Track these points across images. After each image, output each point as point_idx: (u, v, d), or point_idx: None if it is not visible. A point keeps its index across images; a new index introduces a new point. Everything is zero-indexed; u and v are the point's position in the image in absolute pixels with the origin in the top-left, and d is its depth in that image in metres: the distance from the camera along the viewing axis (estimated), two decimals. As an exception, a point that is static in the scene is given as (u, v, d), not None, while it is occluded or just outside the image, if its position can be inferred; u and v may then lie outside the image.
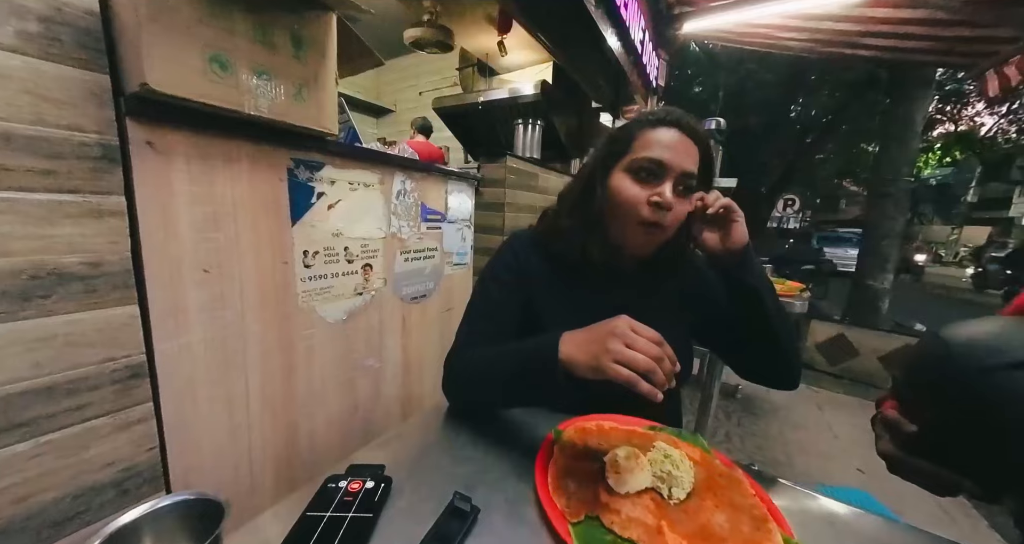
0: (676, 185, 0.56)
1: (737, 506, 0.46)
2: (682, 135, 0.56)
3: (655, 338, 0.43)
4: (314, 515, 0.41)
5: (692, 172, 0.56)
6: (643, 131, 0.58)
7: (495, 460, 0.52)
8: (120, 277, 0.56)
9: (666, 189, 0.55)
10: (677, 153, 0.56)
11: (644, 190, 0.56)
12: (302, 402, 0.85)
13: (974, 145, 10.96)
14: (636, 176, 0.57)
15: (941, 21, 2.34)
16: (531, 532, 0.41)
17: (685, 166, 0.56)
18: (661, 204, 0.55)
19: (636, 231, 0.58)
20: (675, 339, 0.65)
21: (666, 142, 0.56)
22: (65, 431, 0.53)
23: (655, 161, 0.56)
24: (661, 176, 0.56)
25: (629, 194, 0.57)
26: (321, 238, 0.84)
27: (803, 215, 16.32)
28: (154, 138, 0.57)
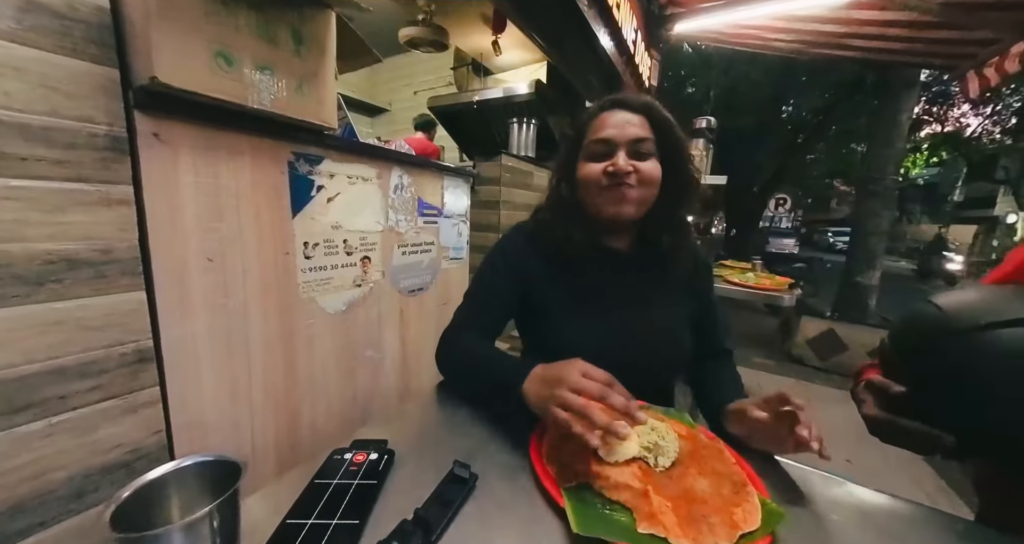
0: (630, 152, 0.60)
1: (719, 473, 0.49)
2: (624, 112, 0.61)
3: (603, 379, 0.46)
4: (322, 482, 0.44)
5: (641, 136, 0.60)
6: (591, 121, 0.63)
7: (492, 435, 0.55)
8: (129, 264, 0.58)
9: (619, 157, 0.59)
10: (621, 127, 0.60)
11: (600, 165, 0.61)
12: (303, 390, 0.87)
13: (960, 145, 11.19)
14: (593, 158, 0.62)
15: (922, 23, 2.41)
16: (527, 497, 0.44)
17: (632, 134, 0.60)
18: (615, 172, 0.59)
19: (603, 198, 0.62)
20: (672, 324, 0.68)
21: (610, 121, 0.61)
22: (77, 412, 0.55)
23: (602, 140, 0.61)
24: (613, 151, 0.60)
25: (588, 172, 0.62)
26: (321, 230, 0.86)
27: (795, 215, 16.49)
28: (161, 130, 0.59)
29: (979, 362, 0.40)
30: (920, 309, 0.46)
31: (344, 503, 0.40)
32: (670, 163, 0.62)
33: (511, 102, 2.70)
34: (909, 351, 0.47)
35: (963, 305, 0.43)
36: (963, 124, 11.01)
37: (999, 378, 0.38)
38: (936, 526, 0.43)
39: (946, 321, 0.43)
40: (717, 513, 0.42)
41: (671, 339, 0.67)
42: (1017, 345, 0.38)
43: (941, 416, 0.43)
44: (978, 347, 0.40)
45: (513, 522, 0.41)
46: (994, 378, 0.39)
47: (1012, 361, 0.38)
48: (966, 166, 13.16)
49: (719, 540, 0.39)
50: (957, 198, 15.79)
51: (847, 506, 0.47)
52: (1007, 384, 0.38)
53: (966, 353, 0.41)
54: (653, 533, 0.39)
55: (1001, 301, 0.41)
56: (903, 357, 0.48)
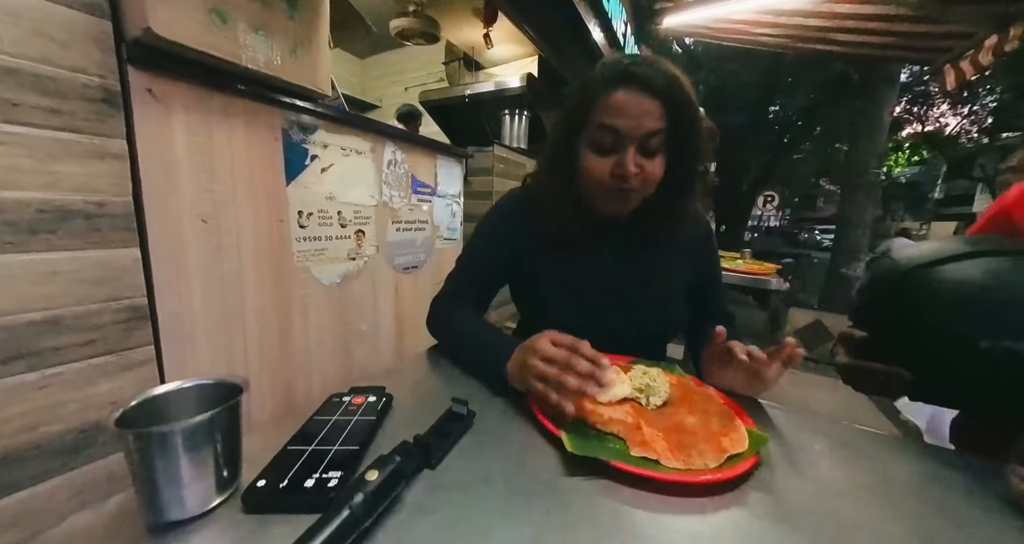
0: (640, 149, 0.55)
1: (708, 411, 0.50)
2: (638, 94, 0.53)
3: (568, 343, 0.46)
4: (321, 418, 0.45)
5: (653, 130, 0.53)
6: (598, 96, 0.55)
7: (486, 384, 0.56)
8: (122, 219, 0.58)
9: (627, 159, 0.54)
10: (633, 117, 0.53)
11: (606, 161, 0.56)
12: (299, 360, 0.87)
13: (939, 144, 11.51)
14: (598, 149, 0.56)
15: (901, 17, 2.49)
16: (523, 431, 0.45)
17: (644, 128, 0.53)
18: (623, 176, 0.55)
19: (607, 199, 0.59)
20: (667, 290, 0.68)
21: (621, 106, 0.53)
22: (71, 366, 0.55)
23: (611, 128, 0.54)
24: (622, 145, 0.54)
25: (592, 167, 0.57)
26: (315, 200, 0.86)
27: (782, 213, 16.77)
28: (154, 86, 0.59)
29: (916, 296, 0.43)
30: (878, 261, 0.50)
31: (344, 434, 0.41)
32: (682, 152, 0.57)
33: (503, 95, 2.71)
34: (869, 299, 0.49)
35: (911, 251, 0.46)
36: (942, 124, 11.32)
37: (930, 308, 0.42)
38: (917, 454, 0.45)
39: (895, 265, 0.46)
40: (706, 441, 0.44)
41: (665, 305, 0.67)
42: (946, 277, 0.42)
43: (897, 353, 0.46)
44: (915, 283, 0.43)
45: (510, 451, 0.42)
46: (927, 308, 0.42)
47: (940, 292, 0.41)
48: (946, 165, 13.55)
49: (708, 461, 0.40)
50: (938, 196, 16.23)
51: (831, 436, 0.49)
52: (937, 313, 0.41)
53: (907, 290, 0.44)
54: (645, 456, 0.40)
55: (943, 245, 0.45)
56: (865, 306, 0.51)
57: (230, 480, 0.33)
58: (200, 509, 0.30)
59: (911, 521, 0.35)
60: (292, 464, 0.35)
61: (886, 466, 0.43)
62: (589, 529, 0.31)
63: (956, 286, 0.41)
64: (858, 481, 0.41)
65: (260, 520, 0.31)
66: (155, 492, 0.29)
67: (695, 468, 0.39)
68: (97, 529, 0.30)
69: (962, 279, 0.41)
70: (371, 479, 0.31)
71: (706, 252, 0.71)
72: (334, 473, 0.34)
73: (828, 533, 0.32)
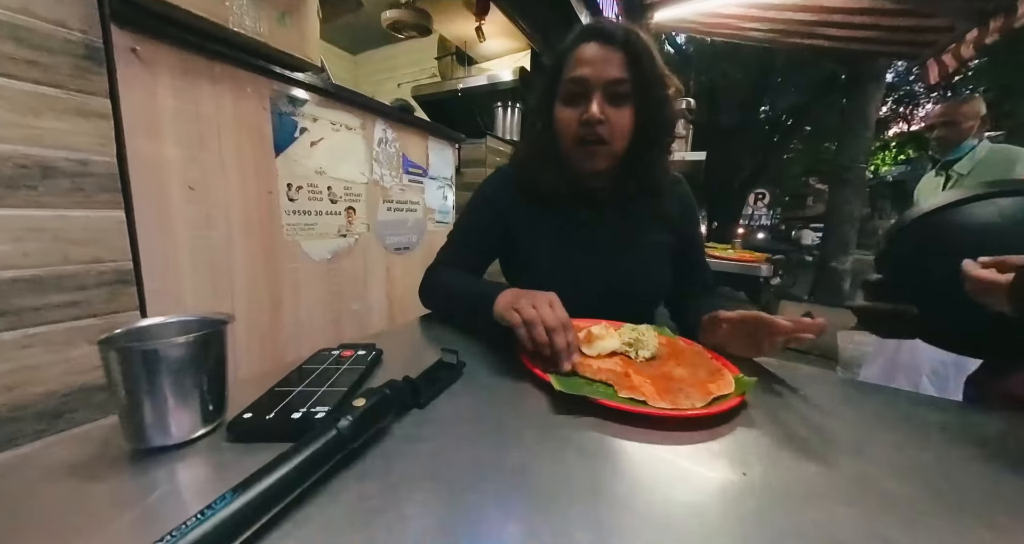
0: (606, 96, 0.57)
1: (696, 364, 0.51)
2: (601, 45, 0.57)
3: (563, 317, 0.47)
4: (309, 367, 0.44)
5: (617, 78, 0.56)
6: (567, 54, 0.59)
7: (478, 344, 0.56)
8: (107, 180, 0.57)
9: (592, 106, 0.56)
10: (596, 65, 0.56)
11: (576, 111, 0.59)
12: (289, 335, 0.86)
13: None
14: (568, 101, 0.59)
15: (885, 11, 2.54)
16: (512, 380, 0.45)
17: (608, 75, 0.56)
18: (589, 120, 0.57)
19: (577, 150, 0.61)
20: (651, 259, 0.69)
21: (586, 58, 0.57)
22: (54, 327, 0.54)
23: (577, 80, 0.57)
24: (588, 94, 0.57)
25: (562, 118, 0.60)
26: (304, 173, 0.86)
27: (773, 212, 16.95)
28: (139, 46, 0.58)
29: (922, 239, 0.45)
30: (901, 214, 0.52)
31: (332, 379, 0.41)
32: (647, 103, 0.59)
33: (495, 90, 2.71)
34: (885, 246, 0.51)
35: (927, 203, 0.48)
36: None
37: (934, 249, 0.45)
38: (907, 401, 0.46)
39: (912, 212, 0.48)
40: (693, 386, 0.44)
41: (649, 274, 0.69)
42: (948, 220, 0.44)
43: (907, 294, 0.48)
44: (924, 225, 0.45)
45: (500, 395, 0.42)
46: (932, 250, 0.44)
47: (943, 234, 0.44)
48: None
49: (695, 402, 0.41)
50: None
51: (818, 383, 0.50)
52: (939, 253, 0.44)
53: (916, 232, 0.45)
54: (633, 397, 0.41)
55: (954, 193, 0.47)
56: (882, 253, 0.52)
57: (215, 413, 0.33)
58: (184, 437, 0.30)
59: (889, 448, 0.35)
60: (279, 401, 0.35)
61: (868, 407, 0.44)
62: (578, 457, 0.32)
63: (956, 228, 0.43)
64: (842, 418, 0.41)
65: (245, 448, 0.31)
66: (138, 415, 0.28)
67: (682, 408, 0.40)
68: (78, 452, 0.30)
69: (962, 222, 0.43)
70: (359, 405, 0.31)
71: (689, 222, 0.73)
72: (321, 408, 0.34)
73: (811, 460, 0.33)
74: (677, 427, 0.37)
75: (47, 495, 0.26)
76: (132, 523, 0.23)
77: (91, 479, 0.27)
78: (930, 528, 0.25)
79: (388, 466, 0.30)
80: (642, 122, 0.60)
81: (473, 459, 0.31)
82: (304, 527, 0.24)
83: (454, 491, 0.27)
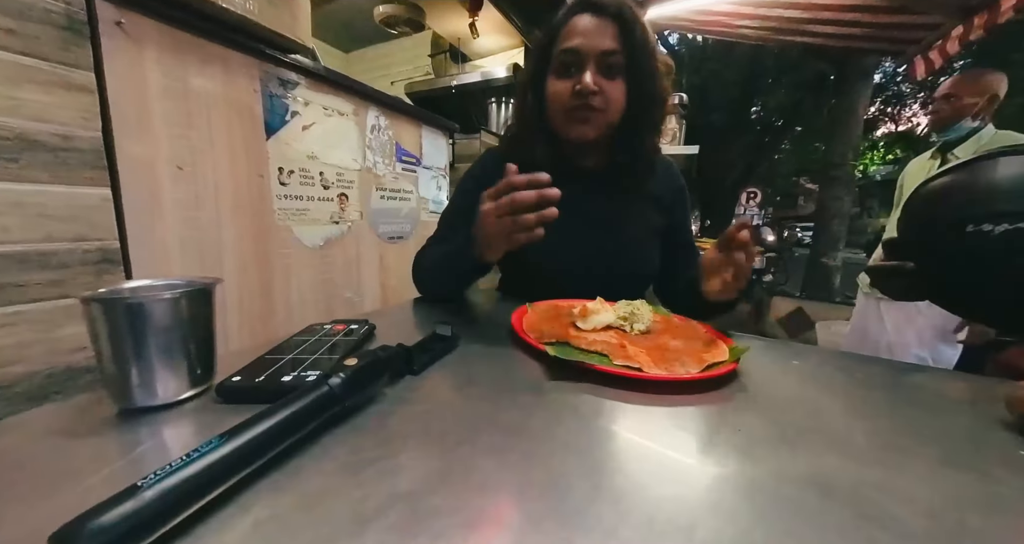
0: (599, 67, 0.57)
1: (691, 336, 0.51)
2: (593, 17, 0.57)
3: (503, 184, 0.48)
4: (300, 338, 0.44)
5: (610, 49, 0.56)
6: (560, 27, 0.59)
7: (473, 323, 0.56)
8: (91, 155, 0.56)
9: (586, 76, 0.56)
10: (589, 36, 0.56)
11: (568, 82, 0.58)
12: (281, 322, 0.85)
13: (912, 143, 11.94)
14: (561, 73, 0.59)
15: (874, 8, 2.58)
16: (508, 352, 0.45)
17: (601, 46, 0.56)
18: (581, 91, 0.57)
19: (568, 120, 0.61)
20: (640, 238, 0.70)
21: (579, 29, 0.57)
22: (37, 305, 0.52)
23: (570, 51, 0.57)
24: (581, 64, 0.57)
25: (555, 90, 0.60)
26: (296, 158, 0.84)
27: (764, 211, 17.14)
28: (124, 18, 0.57)
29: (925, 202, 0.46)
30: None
31: (324, 347, 0.40)
32: (639, 76, 0.60)
33: (489, 86, 2.71)
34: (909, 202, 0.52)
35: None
36: (914, 123, 11.75)
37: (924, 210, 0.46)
38: (897, 370, 0.47)
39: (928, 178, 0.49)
40: (688, 355, 0.44)
41: (638, 253, 0.69)
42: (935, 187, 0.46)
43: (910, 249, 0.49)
44: (919, 193, 0.46)
45: (495, 363, 0.42)
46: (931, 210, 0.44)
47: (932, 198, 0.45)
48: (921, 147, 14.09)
49: (689, 369, 0.41)
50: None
51: (810, 354, 0.50)
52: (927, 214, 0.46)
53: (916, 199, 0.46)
54: (628, 365, 0.41)
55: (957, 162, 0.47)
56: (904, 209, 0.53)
57: (203, 376, 0.32)
58: (171, 398, 0.29)
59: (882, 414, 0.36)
60: (270, 366, 0.35)
61: (857, 374, 0.44)
62: (572, 417, 0.31)
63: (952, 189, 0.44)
64: (831, 384, 0.42)
65: (233, 408, 0.30)
66: (124, 373, 0.28)
67: (676, 374, 0.40)
68: (64, 414, 0.29)
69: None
70: (351, 364, 0.30)
71: (679, 204, 0.74)
72: (313, 373, 0.33)
73: (800, 422, 0.33)
74: (672, 391, 0.37)
75: (26, 452, 0.25)
76: (113, 474, 0.23)
77: (74, 437, 0.26)
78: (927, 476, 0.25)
79: (381, 422, 0.29)
80: (634, 95, 0.61)
81: (467, 418, 0.30)
82: (294, 476, 0.23)
83: (447, 444, 0.26)
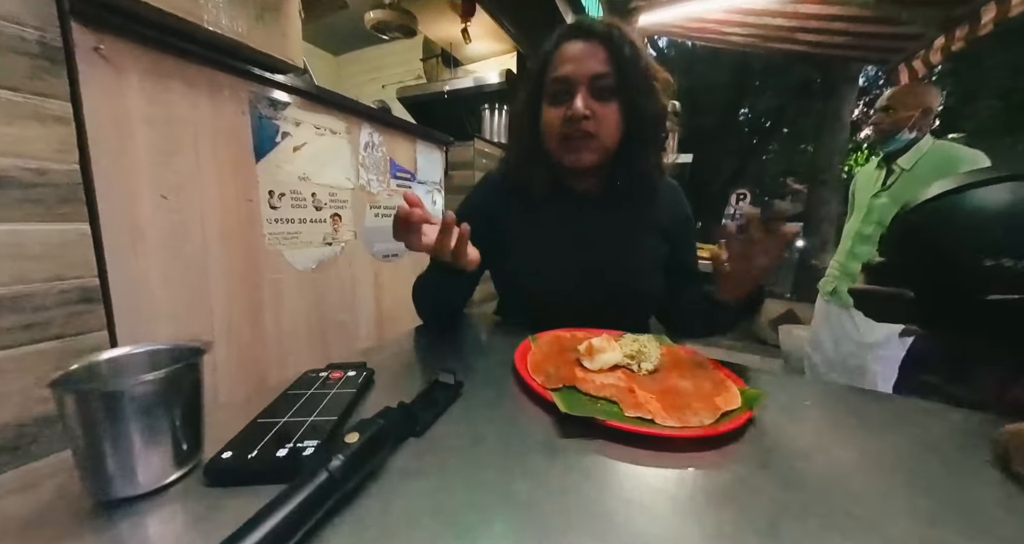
0: (591, 91, 0.56)
1: (699, 376, 0.50)
2: (584, 42, 0.57)
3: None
4: (295, 392, 0.41)
5: (601, 72, 0.56)
6: (551, 55, 0.59)
7: (475, 359, 0.54)
8: (68, 190, 0.52)
9: (577, 101, 0.56)
10: (580, 62, 0.56)
11: (561, 108, 0.58)
12: (271, 350, 0.82)
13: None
14: (554, 101, 0.59)
15: (860, 18, 2.63)
16: (513, 399, 0.43)
17: (592, 70, 0.56)
18: (573, 116, 0.57)
19: (564, 148, 0.60)
20: (640, 263, 0.68)
21: (569, 55, 0.57)
22: (10, 351, 0.49)
23: (560, 79, 0.57)
24: (572, 90, 0.57)
25: (548, 118, 0.60)
26: (287, 180, 0.82)
27: (754, 211, 17.32)
28: (103, 44, 0.54)
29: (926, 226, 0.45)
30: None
31: (321, 406, 0.38)
32: (633, 99, 0.58)
33: (482, 91, 2.69)
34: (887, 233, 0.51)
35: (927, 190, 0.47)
36: (896, 125, 12.01)
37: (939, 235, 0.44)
38: (907, 408, 0.46)
39: (909, 202, 0.47)
40: (699, 401, 0.43)
41: (638, 278, 0.67)
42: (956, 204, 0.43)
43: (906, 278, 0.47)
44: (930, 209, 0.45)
45: (502, 415, 0.40)
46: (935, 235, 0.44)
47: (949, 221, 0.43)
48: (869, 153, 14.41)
49: (703, 419, 0.39)
50: (894, 194, 17.22)
51: (818, 392, 0.49)
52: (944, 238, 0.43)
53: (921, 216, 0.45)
54: (640, 416, 0.39)
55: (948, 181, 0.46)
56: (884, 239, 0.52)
57: (190, 454, 0.29)
58: (154, 484, 0.27)
59: (903, 470, 0.35)
60: (263, 435, 0.32)
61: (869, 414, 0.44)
62: (586, 483, 0.30)
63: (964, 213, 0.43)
64: (848, 435, 0.41)
65: (225, 493, 0.28)
66: (102, 464, 0.25)
67: (690, 426, 0.38)
68: (33, 505, 0.26)
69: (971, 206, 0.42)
70: (351, 441, 0.28)
71: (684, 234, 0.72)
72: (310, 442, 0.31)
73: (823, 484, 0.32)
74: (686, 446, 0.36)
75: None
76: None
77: (47, 539, 0.24)
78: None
79: (385, 507, 0.27)
80: (630, 117, 0.59)
81: (477, 491, 0.28)
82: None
83: (458, 528, 0.25)
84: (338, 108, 0.91)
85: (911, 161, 1.33)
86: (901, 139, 1.34)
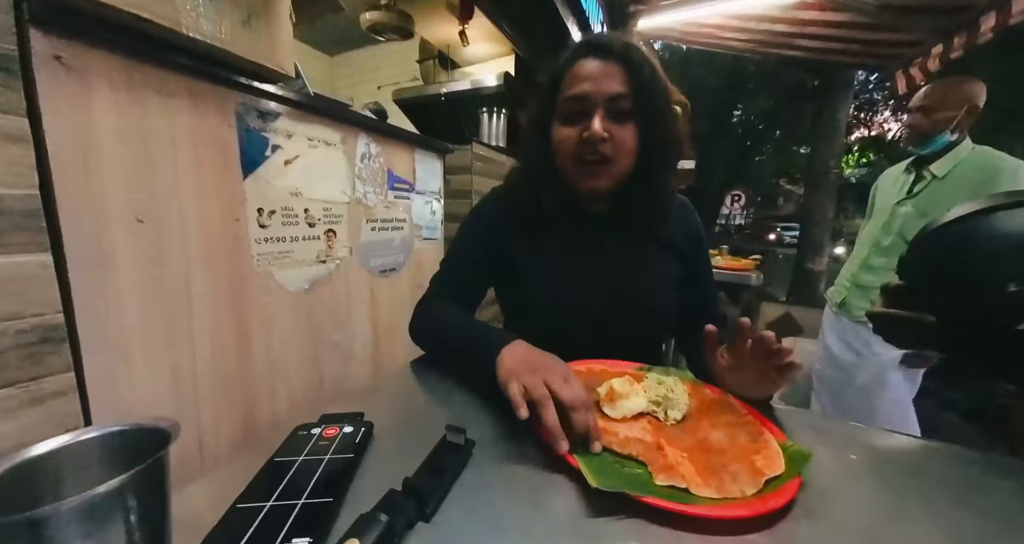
0: (608, 113, 0.54)
1: (732, 423, 0.46)
2: (601, 61, 0.54)
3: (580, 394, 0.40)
4: (283, 460, 0.36)
5: (619, 93, 0.54)
6: (565, 71, 0.57)
7: (483, 404, 0.49)
8: (25, 217, 0.46)
9: (595, 122, 0.53)
10: (597, 81, 0.54)
11: (576, 129, 0.55)
12: (262, 378, 0.76)
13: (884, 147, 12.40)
14: (567, 120, 0.56)
15: (858, 25, 2.63)
16: (531, 461, 0.39)
17: (609, 90, 0.53)
18: (590, 138, 0.54)
19: (578, 170, 0.57)
20: (652, 285, 0.65)
21: (586, 74, 0.54)
22: (-48, 403, 0.43)
23: (577, 97, 0.54)
24: (589, 110, 0.54)
25: (561, 137, 0.57)
26: (278, 196, 0.76)
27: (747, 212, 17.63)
28: (65, 53, 0.48)
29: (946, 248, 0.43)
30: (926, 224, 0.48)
31: (313, 481, 0.33)
32: (651, 119, 0.56)
33: (479, 94, 2.64)
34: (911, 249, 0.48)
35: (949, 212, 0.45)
36: (886, 128, 12.22)
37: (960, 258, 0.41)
38: (954, 459, 0.42)
39: (932, 222, 0.45)
40: (736, 461, 0.39)
41: (652, 300, 0.65)
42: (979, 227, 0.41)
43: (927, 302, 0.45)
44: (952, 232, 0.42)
45: (520, 488, 0.35)
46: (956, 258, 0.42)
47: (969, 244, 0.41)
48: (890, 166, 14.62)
49: (744, 487, 0.35)
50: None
51: (859, 445, 0.45)
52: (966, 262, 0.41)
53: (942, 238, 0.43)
54: (673, 485, 0.35)
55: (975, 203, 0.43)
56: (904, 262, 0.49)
57: (153, 564, 0.24)
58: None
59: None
60: (244, 530, 0.27)
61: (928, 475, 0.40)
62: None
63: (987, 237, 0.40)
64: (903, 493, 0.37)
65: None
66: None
67: (731, 497, 0.34)
68: None
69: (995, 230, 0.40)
70: (351, 552, 0.23)
71: (697, 252, 0.69)
72: (300, 541, 0.26)
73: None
74: (731, 529, 0.31)
75: None
76: None
77: None
78: None
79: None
80: (646, 139, 0.56)
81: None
82: None
83: None
84: (333, 118, 0.86)
85: (945, 168, 1.16)
86: (939, 142, 1.17)
